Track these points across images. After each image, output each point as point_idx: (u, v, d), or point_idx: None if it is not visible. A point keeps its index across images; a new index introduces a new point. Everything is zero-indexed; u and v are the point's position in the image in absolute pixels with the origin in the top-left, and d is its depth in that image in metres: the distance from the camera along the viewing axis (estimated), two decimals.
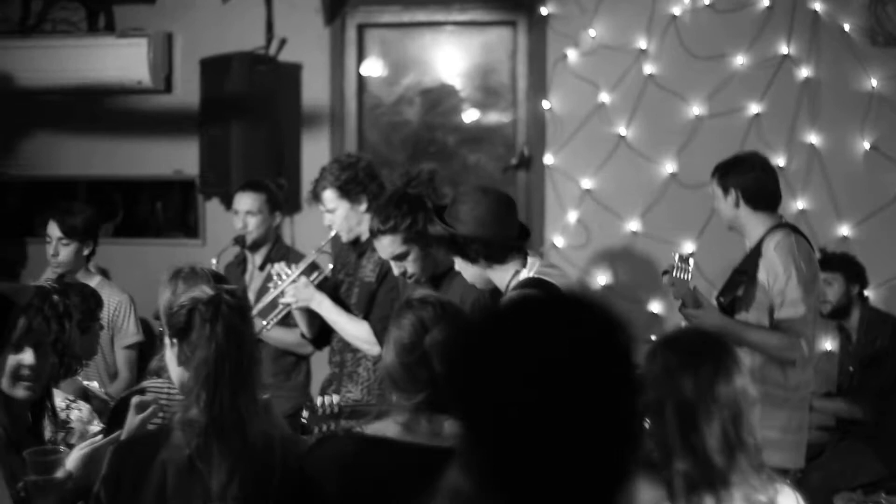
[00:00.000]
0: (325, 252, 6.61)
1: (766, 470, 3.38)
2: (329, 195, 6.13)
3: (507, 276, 4.88)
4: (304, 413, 5.16)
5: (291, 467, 3.50)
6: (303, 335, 6.33)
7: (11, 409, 3.97)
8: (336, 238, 6.32)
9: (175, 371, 3.67)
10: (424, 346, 3.39)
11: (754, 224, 5.70)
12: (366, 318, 5.87)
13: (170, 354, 3.69)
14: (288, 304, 6.10)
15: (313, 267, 6.37)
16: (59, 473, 3.61)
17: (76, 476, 3.64)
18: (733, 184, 5.73)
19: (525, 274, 4.86)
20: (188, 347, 3.54)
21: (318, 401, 5.28)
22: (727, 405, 3.33)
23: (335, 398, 5.31)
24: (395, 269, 5.52)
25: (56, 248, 6.50)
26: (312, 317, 6.11)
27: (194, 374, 3.49)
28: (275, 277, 6.25)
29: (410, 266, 5.45)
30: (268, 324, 6.35)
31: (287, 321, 6.39)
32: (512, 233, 4.93)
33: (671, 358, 3.40)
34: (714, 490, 3.29)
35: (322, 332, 6.23)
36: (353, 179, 6.11)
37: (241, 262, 6.99)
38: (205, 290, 3.57)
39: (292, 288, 6.07)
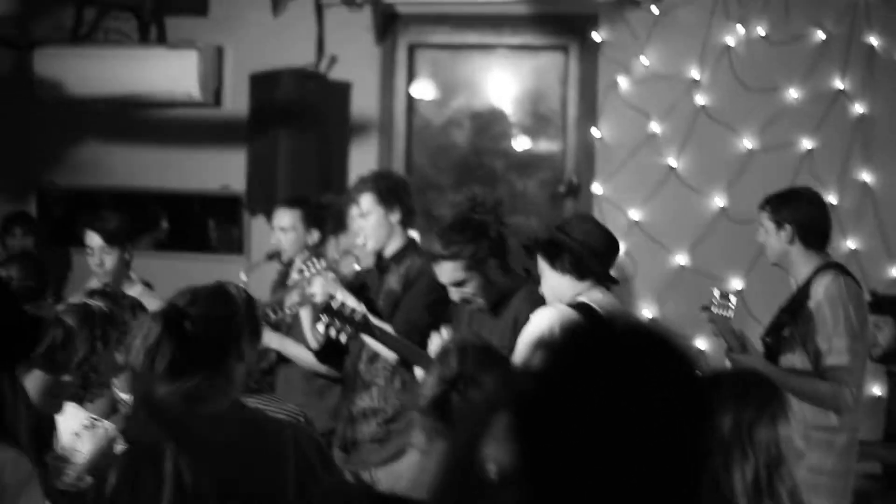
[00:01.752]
0: (350, 255, 6.62)
1: None
2: (367, 199, 6.10)
3: (572, 291, 4.95)
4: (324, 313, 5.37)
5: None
6: (308, 347, 6.30)
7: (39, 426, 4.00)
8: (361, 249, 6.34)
9: None
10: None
11: (804, 262, 5.60)
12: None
13: None
14: (313, 295, 6.08)
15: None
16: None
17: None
18: (788, 218, 5.63)
19: (581, 298, 4.90)
20: None
21: (340, 299, 5.34)
22: (765, 450, 3.28)
23: (361, 307, 5.34)
24: (456, 296, 5.46)
25: (100, 258, 6.50)
26: None
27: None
28: (303, 268, 6.23)
29: (470, 294, 5.41)
30: (290, 309, 6.35)
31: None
32: (608, 259, 5.08)
33: (714, 396, 3.36)
34: None
35: (332, 351, 6.15)
36: (392, 189, 6.11)
37: (283, 279, 6.97)
38: None
39: (320, 279, 6.04)
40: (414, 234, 6.25)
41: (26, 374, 3.97)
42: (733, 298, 5.36)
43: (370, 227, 6.13)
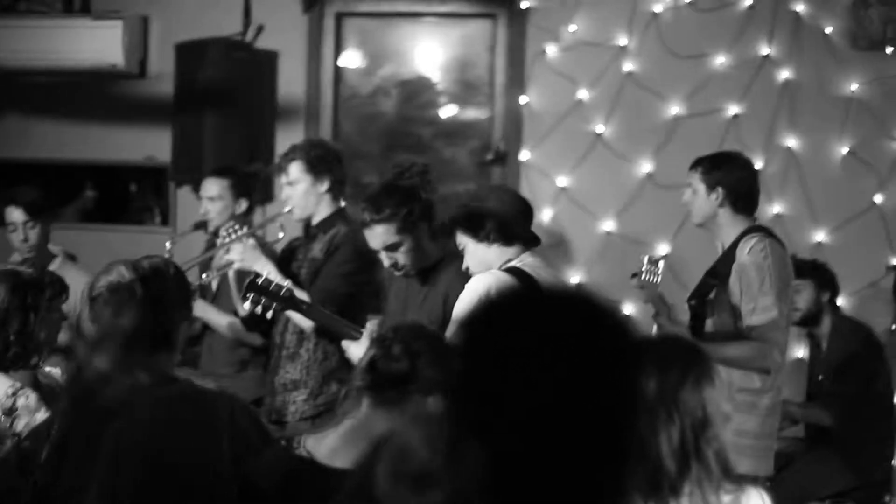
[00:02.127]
0: (275, 223, 6.57)
1: (731, 475, 3.32)
2: (295, 167, 6.05)
3: (501, 260, 4.95)
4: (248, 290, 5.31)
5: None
6: (235, 313, 6.25)
7: None
8: (288, 218, 6.29)
9: None
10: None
11: (730, 226, 5.60)
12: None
13: None
14: (231, 262, 6.04)
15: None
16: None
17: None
18: (720, 182, 5.61)
19: (514, 263, 4.92)
20: None
21: (265, 274, 5.31)
22: (690, 413, 3.27)
23: (287, 282, 5.30)
24: (386, 261, 5.43)
25: (25, 233, 6.40)
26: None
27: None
28: (222, 234, 6.20)
29: (401, 258, 5.37)
30: (207, 276, 6.31)
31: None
32: (528, 221, 5.10)
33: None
34: (661, 496, 3.23)
35: (260, 319, 6.11)
36: (322, 158, 6.06)
37: (209, 249, 6.90)
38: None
39: (239, 246, 5.99)
40: (343, 203, 6.21)
41: None
42: (661, 265, 5.37)
43: (297, 195, 6.08)
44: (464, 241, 5.03)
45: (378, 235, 5.36)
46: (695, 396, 3.28)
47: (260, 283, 5.34)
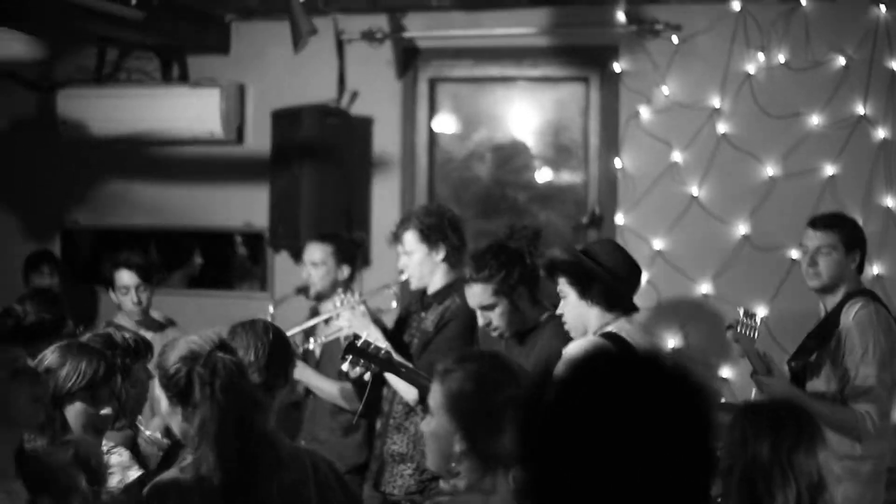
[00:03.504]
0: (388, 291, 6.61)
1: None
2: (410, 237, 6.11)
3: (599, 322, 4.97)
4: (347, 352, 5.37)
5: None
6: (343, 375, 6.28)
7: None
8: (405, 286, 6.32)
9: (178, 428, 3.76)
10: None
11: (842, 288, 5.57)
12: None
13: (168, 409, 3.76)
14: (340, 329, 6.07)
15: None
16: None
17: None
18: (860, 243, 5.62)
19: (611, 328, 4.92)
20: (191, 408, 3.63)
21: (364, 337, 5.31)
22: (806, 475, 3.27)
23: (385, 344, 5.31)
24: (481, 320, 5.51)
25: (138, 296, 6.61)
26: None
27: (199, 433, 3.59)
28: (335, 300, 6.25)
29: (496, 319, 5.44)
30: (312, 341, 6.35)
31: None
32: (635, 288, 5.11)
33: (749, 426, 3.37)
34: None
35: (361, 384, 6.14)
36: (436, 226, 6.09)
37: (312, 316, 6.96)
38: (193, 347, 3.68)
39: (349, 313, 6.03)
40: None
41: (68, 406, 4.02)
42: (758, 318, 5.33)
43: (413, 264, 6.12)
44: (566, 290, 5.03)
45: (475, 294, 5.43)
46: (809, 460, 3.29)
47: (359, 344, 5.38)
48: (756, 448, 3.33)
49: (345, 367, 5.45)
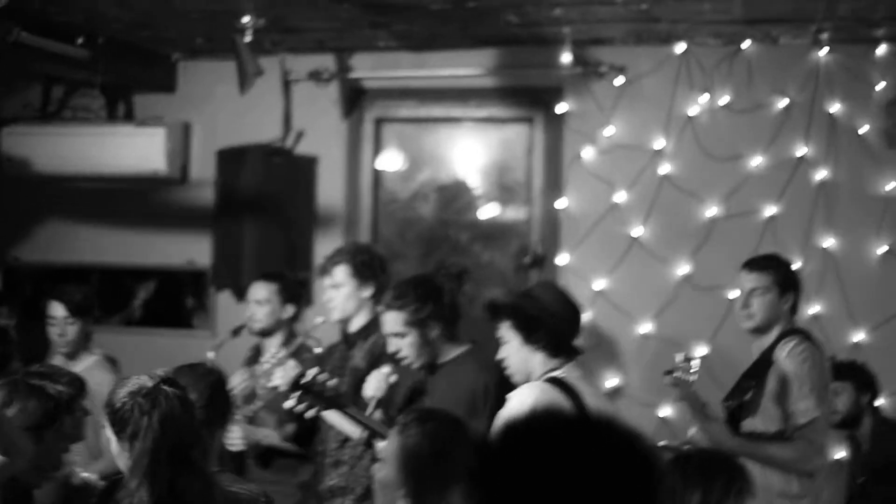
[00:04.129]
0: (312, 335, 6.59)
1: None
2: (341, 271, 6.15)
3: (543, 368, 4.97)
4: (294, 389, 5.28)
5: None
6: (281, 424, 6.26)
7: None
8: (324, 325, 6.33)
9: (122, 463, 3.73)
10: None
11: (776, 329, 5.63)
12: (355, 403, 5.79)
13: (116, 448, 3.74)
14: (275, 387, 6.03)
15: (302, 350, 6.37)
16: None
17: None
18: (794, 285, 5.67)
19: (558, 374, 4.93)
20: (128, 440, 3.62)
21: (312, 373, 5.26)
22: None
23: (333, 381, 5.26)
24: (391, 346, 5.53)
25: (63, 329, 6.57)
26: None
27: (134, 466, 3.58)
28: (262, 361, 6.26)
29: (406, 348, 5.46)
30: (253, 405, 6.33)
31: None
32: (575, 335, 5.09)
33: (680, 477, 3.36)
34: None
35: (304, 431, 6.14)
36: (367, 263, 6.15)
37: (254, 353, 6.93)
38: (142, 382, 3.68)
39: (281, 370, 6.00)
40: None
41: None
42: (695, 363, 5.36)
43: (340, 298, 6.15)
44: (509, 335, 5.04)
45: (389, 321, 5.49)
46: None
47: (304, 382, 5.33)
48: (686, 499, 3.33)
49: (289, 403, 5.40)
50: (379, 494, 3.57)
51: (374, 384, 5.74)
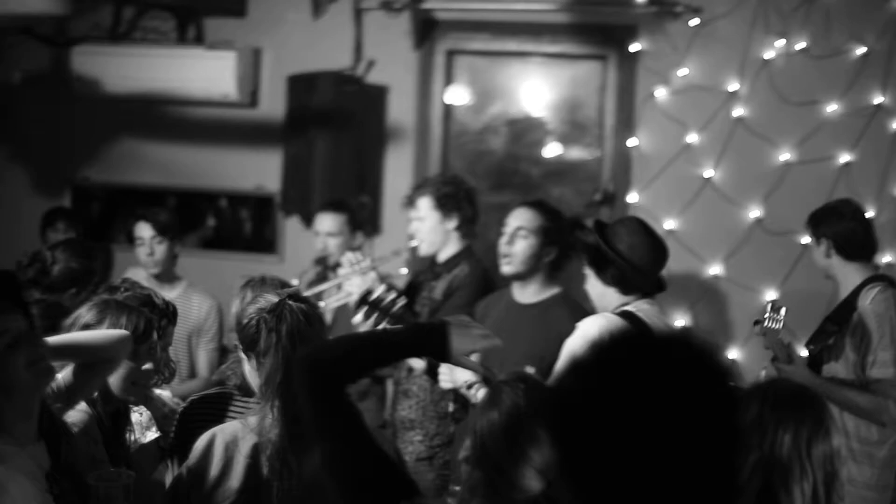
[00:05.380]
0: (399, 257, 6.58)
1: None
2: (425, 203, 6.14)
3: (617, 302, 5.01)
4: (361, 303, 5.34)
5: None
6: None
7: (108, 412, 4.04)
8: (415, 252, 6.32)
9: (254, 382, 3.77)
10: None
11: (849, 274, 5.63)
12: None
13: (248, 368, 3.79)
14: (349, 294, 6.05)
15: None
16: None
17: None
18: (825, 233, 5.67)
19: (629, 308, 4.95)
20: (259, 357, 3.65)
21: (381, 289, 5.30)
22: (822, 466, 3.25)
23: (402, 299, 5.30)
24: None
25: (151, 248, 6.64)
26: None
27: (265, 383, 3.61)
28: (345, 263, 6.17)
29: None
30: (327, 305, 6.33)
31: None
32: (653, 276, 5.08)
33: (770, 411, 3.31)
34: None
35: None
36: (452, 195, 6.14)
37: (319, 282, 6.95)
38: (269, 299, 3.69)
39: (360, 279, 6.01)
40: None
41: None
42: (783, 311, 5.34)
43: (425, 230, 6.15)
44: (587, 270, 5.13)
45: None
46: (826, 449, 3.26)
47: (373, 298, 5.33)
48: (776, 437, 3.28)
49: (357, 318, 5.40)
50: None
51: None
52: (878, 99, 7.55)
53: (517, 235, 5.66)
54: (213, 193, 8.78)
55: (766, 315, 5.32)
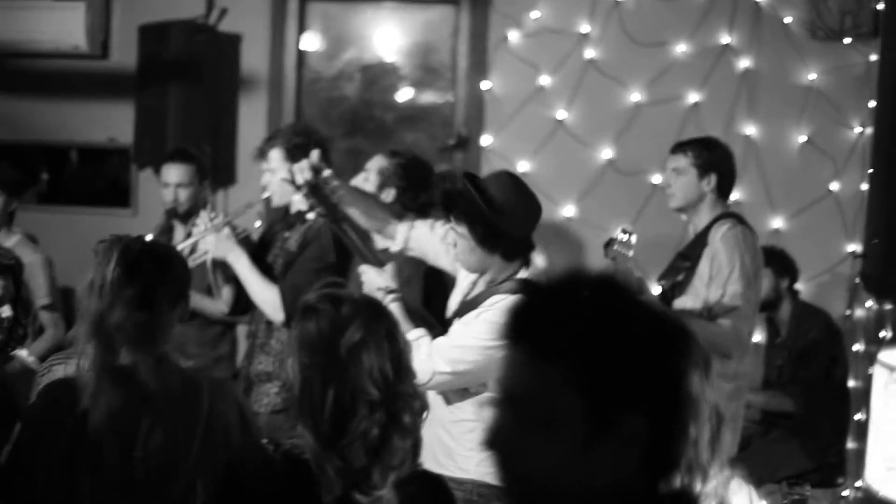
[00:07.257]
0: (252, 210, 6.48)
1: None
2: (275, 154, 6.03)
3: (501, 272, 4.60)
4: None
5: (219, 412, 3.53)
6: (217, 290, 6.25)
7: None
8: (267, 204, 6.26)
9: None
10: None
11: (709, 210, 5.69)
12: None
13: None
14: (205, 252, 5.97)
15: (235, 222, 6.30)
16: None
17: None
18: (716, 167, 5.68)
19: (522, 276, 4.64)
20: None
21: (327, 174, 5.12)
22: (712, 403, 3.31)
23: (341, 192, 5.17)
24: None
25: None
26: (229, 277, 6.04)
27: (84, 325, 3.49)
28: (199, 223, 6.03)
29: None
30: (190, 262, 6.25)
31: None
32: (529, 234, 4.73)
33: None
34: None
35: (241, 299, 6.12)
36: (303, 146, 5.99)
37: (166, 232, 6.87)
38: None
39: (213, 237, 5.93)
40: None
41: None
42: (634, 237, 5.36)
43: (276, 182, 6.06)
44: (464, 233, 4.55)
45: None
46: (711, 385, 3.32)
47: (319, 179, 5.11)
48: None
49: (297, 198, 5.34)
50: None
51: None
52: (725, 39, 7.68)
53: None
54: (64, 146, 8.61)
55: (617, 238, 5.34)
